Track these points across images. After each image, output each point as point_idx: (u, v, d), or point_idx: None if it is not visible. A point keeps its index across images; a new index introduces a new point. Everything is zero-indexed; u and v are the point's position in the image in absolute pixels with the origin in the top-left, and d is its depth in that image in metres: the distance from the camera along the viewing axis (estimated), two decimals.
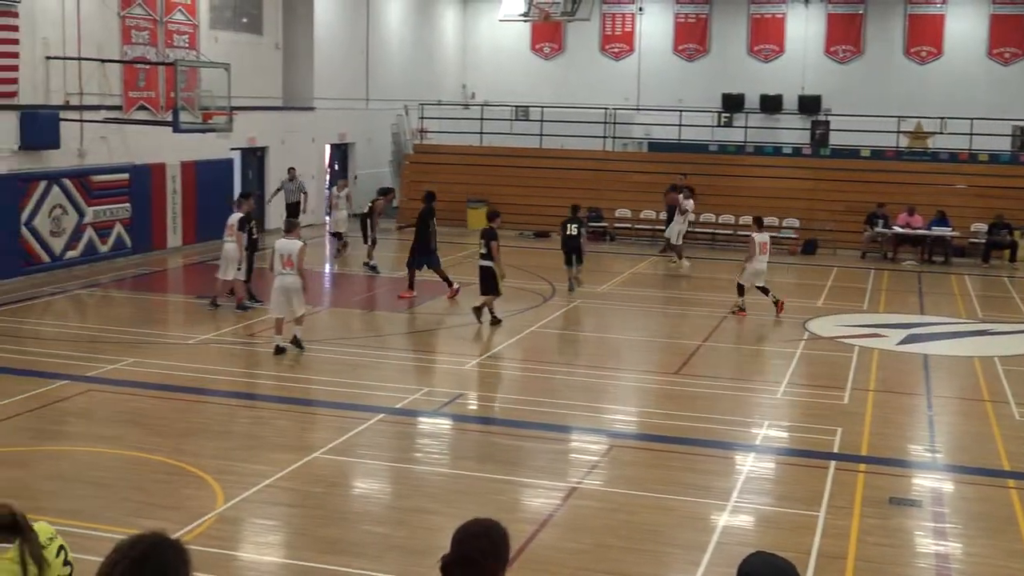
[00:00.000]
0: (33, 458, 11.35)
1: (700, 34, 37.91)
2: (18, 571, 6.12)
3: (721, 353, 17.21)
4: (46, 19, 21.38)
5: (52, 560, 6.15)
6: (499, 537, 3.76)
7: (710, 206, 29.50)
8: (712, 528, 9.86)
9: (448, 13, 39.70)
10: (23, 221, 21.06)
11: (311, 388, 14.42)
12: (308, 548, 9.18)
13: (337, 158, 33.27)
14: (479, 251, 18.53)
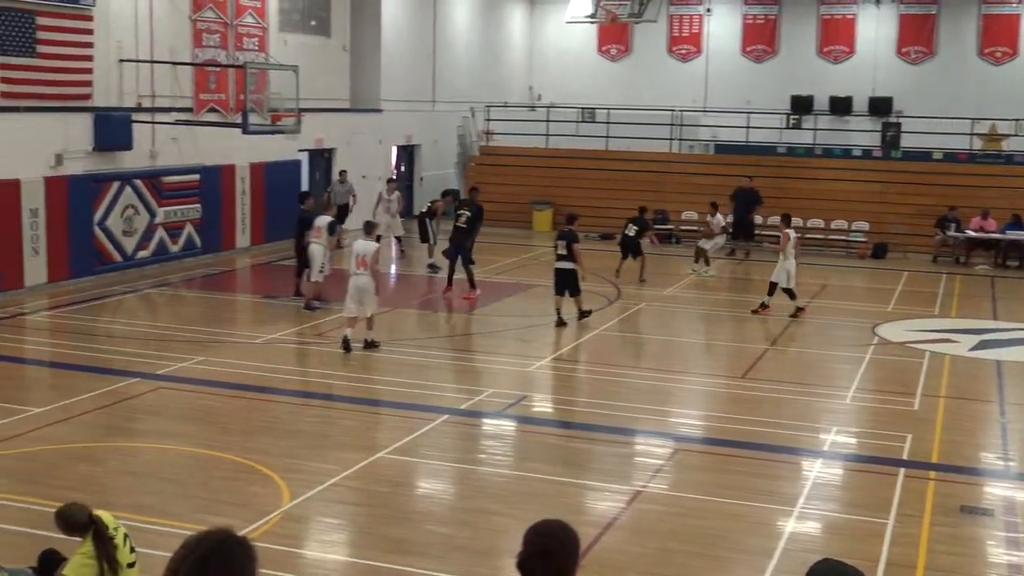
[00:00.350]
0: (105, 454, 11.54)
1: (769, 35, 37.55)
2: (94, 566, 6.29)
3: (788, 357, 17.03)
4: (119, 23, 21.75)
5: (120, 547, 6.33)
6: (573, 535, 3.86)
7: (778, 209, 29.11)
8: (778, 534, 9.75)
9: (515, 15, 39.75)
10: (96, 221, 21.43)
11: (377, 388, 14.50)
12: (372, 547, 9.23)
13: (403, 160, 33.44)
14: (557, 253, 18.54)
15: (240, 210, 25.47)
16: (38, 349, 16.77)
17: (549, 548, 3.77)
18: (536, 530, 3.84)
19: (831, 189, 29.95)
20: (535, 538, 3.80)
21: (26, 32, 19.47)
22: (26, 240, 19.79)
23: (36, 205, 19.92)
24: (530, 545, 3.78)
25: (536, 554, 3.76)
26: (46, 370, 15.47)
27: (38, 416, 12.60)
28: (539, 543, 3.78)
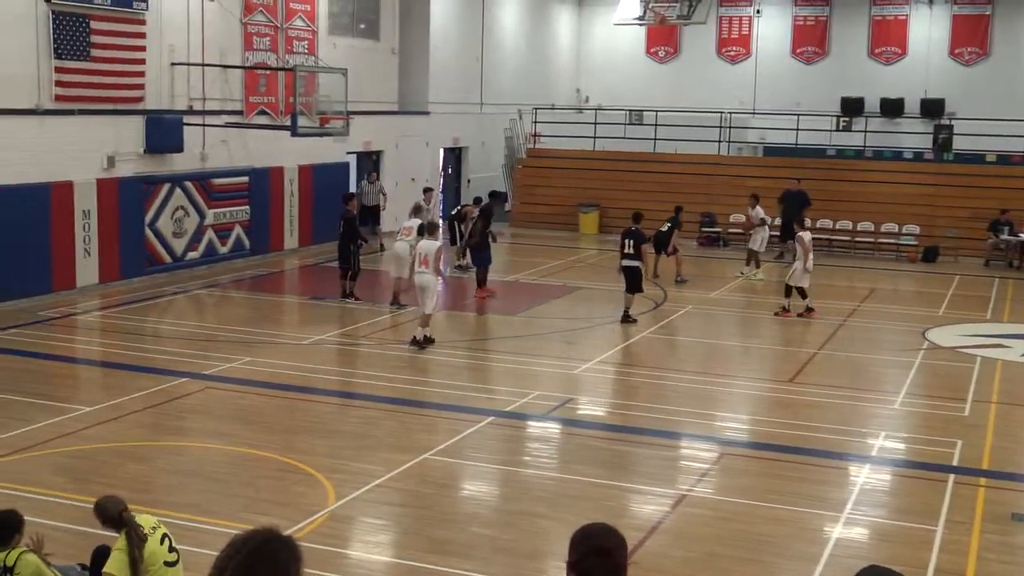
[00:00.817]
0: (153, 452, 11.67)
1: (819, 36, 37.26)
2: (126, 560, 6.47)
3: (837, 361, 16.86)
4: (172, 26, 22.00)
5: (156, 548, 6.49)
6: (621, 535, 3.82)
7: (828, 212, 28.98)
8: (825, 540, 9.66)
9: (563, 17, 39.73)
10: (147, 223, 21.69)
11: (422, 390, 14.54)
12: (417, 548, 9.26)
13: (451, 162, 33.54)
14: (624, 251, 18.89)
15: (288, 212, 25.65)
16: (89, 349, 17.00)
17: (607, 545, 3.75)
18: (586, 532, 3.82)
19: (881, 192, 29.65)
20: (587, 539, 3.77)
21: (80, 36, 19.74)
22: (78, 241, 20.07)
23: (88, 207, 20.20)
24: (584, 546, 3.76)
25: (593, 552, 3.74)
26: (97, 369, 15.68)
27: (89, 415, 12.77)
28: (595, 542, 3.76)
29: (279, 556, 3.35)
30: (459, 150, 33.65)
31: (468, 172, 33.92)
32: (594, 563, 3.72)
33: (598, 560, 3.72)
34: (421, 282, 16.59)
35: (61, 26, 19.35)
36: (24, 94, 18.95)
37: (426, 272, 16.51)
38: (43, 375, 14.82)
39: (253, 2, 24.02)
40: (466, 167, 33.93)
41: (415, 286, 16.82)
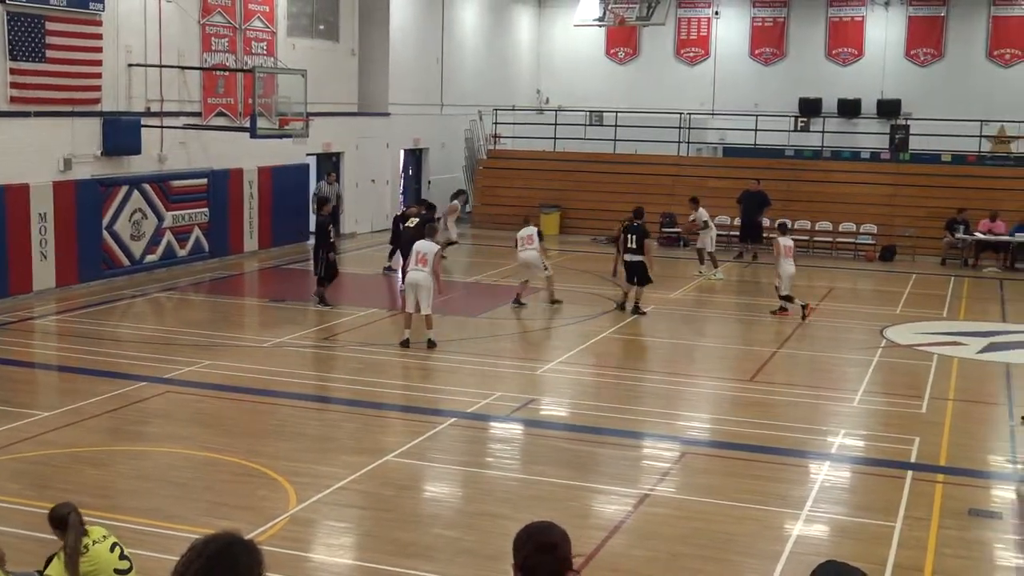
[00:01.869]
0: (113, 457, 11.56)
1: (777, 38, 37.53)
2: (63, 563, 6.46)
3: (796, 360, 17.00)
4: (128, 27, 21.81)
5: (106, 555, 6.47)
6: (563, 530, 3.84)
7: (786, 212, 29.18)
8: (786, 537, 9.74)
9: (523, 18, 39.77)
10: (104, 225, 21.49)
11: (383, 391, 14.50)
12: (379, 551, 9.23)
13: (411, 163, 33.48)
14: (627, 247, 19.62)
15: (248, 214, 25.52)
16: (46, 353, 16.81)
17: (550, 540, 3.77)
18: (528, 531, 3.83)
19: (839, 192, 29.93)
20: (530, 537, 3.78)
21: (36, 37, 19.53)
22: (34, 244, 19.85)
23: (45, 209, 19.99)
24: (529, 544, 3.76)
25: (537, 548, 3.74)
26: (54, 374, 15.52)
27: (47, 420, 12.63)
28: (538, 539, 3.77)
29: (240, 560, 3.34)
30: (419, 151, 33.60)
31: (429, 173, 33.87)
32: (539, 560, 3.73)
33: (543, 556, 3.73)
34: (415, 280, 16.53)
35: (16, 27, 19.14)
36: None
37: (422, 271, 16.50)
38: (0, 380, 14.63)
39: (211, 3, 23.86)
40: (427, 168, 33.88)
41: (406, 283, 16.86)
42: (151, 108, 22.48)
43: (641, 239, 19.66)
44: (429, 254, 16.60)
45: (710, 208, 29.97)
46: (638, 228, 19.82)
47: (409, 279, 16.73)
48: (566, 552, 3.77)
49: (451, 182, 33.90)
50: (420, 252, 16.69)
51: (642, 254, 19.61)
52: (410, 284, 16.67)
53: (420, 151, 33.60)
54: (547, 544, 3.74)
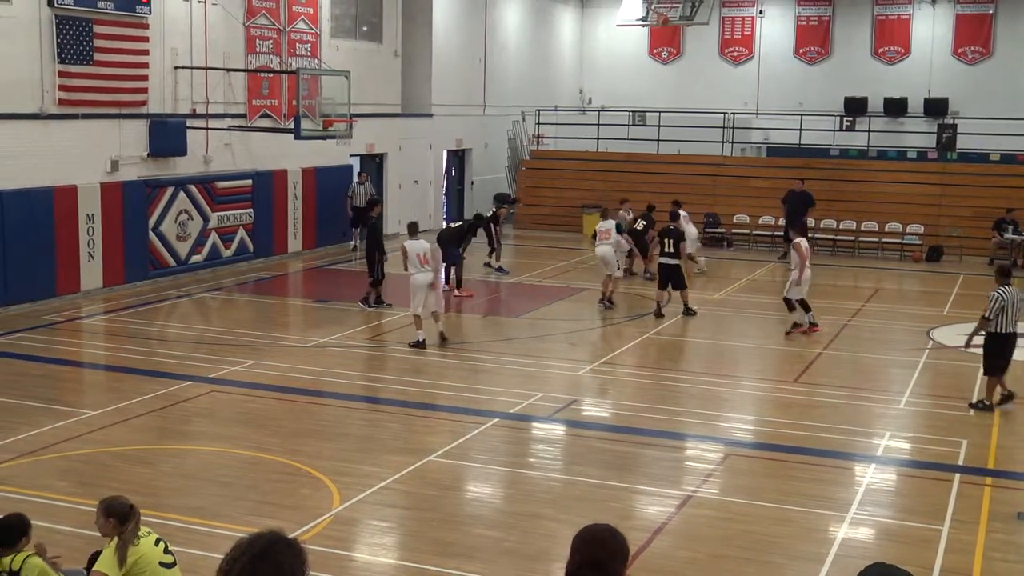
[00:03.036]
0: (158, 456, 11.68)
1: (822, 36, 37.22)
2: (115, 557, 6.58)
3: (841, 361, 16.85)
4: (175, 30, 22.02)
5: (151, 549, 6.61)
6: (622, 541, 3.79)
7: (832, 212, 28.98)
8: (830, 540, 9.66)
9: (565, 18, 39.73)
10: (151, 226, 21.70)
11: (427, 392, 14.53)
12: (422, 550, 9.26)
13: (454, 164, 33.55)
14: (663, 250, 19.43)
15: (292, 215, 25.67)
16: (93, 353, 17.02)
17: (600, 559, 3.72)
18: (585, 537, 3.79)
19: (885, 192, 29.64)
20: (585, 547, 3.75)
21: (84, 40, 19.76)
22: (82, 245, 20.09)
23: (92, 211, 20.22)
24: (580, 554, 3.74)
25: (587, 564, 3.71)
26: (102, 373, 15.69)
27: (94, 419, 12.78)
28: (589, 553, 3.73)
29: (284, 559, 3.36)
30: (462, 152, 33.65)
31: (471, 174, 33.93)
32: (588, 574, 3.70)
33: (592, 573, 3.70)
34: (423, 281, 16.70)
35: (64, 30, 19.37)
36: (28, 98, 18.99)
37: (428, 271, 16.77)
38: (48, 379, 14.83)
39: (256, 5, 24.04)
40: (469, 169, 33.93)
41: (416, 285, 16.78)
42: (197, 110, 22.69)
43: (677, 242, 19.50)
44: (428, 252, 16.91)
45: (754, 209, 29.92)
46: (673, 231, 19.65)
47: (418, 280, 16.73)
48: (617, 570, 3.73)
49: (494, 183, 33.96)
50: (421, 252, 16.81)
51: (678, 257, 19.48)
52: (419, 285, 16.70)
53: (463, 152, 33.65)
54: (598, 562, 3.70)
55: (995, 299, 13.71)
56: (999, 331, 13.80)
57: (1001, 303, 13.68)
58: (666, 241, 19.51)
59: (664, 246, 19.52)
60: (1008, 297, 13.70)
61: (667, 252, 19.43)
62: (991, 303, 13.74)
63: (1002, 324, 13.78)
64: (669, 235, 19.55)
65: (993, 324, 13.78)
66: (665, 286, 19.47)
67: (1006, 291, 13.76)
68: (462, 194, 33.69)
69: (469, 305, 20.84)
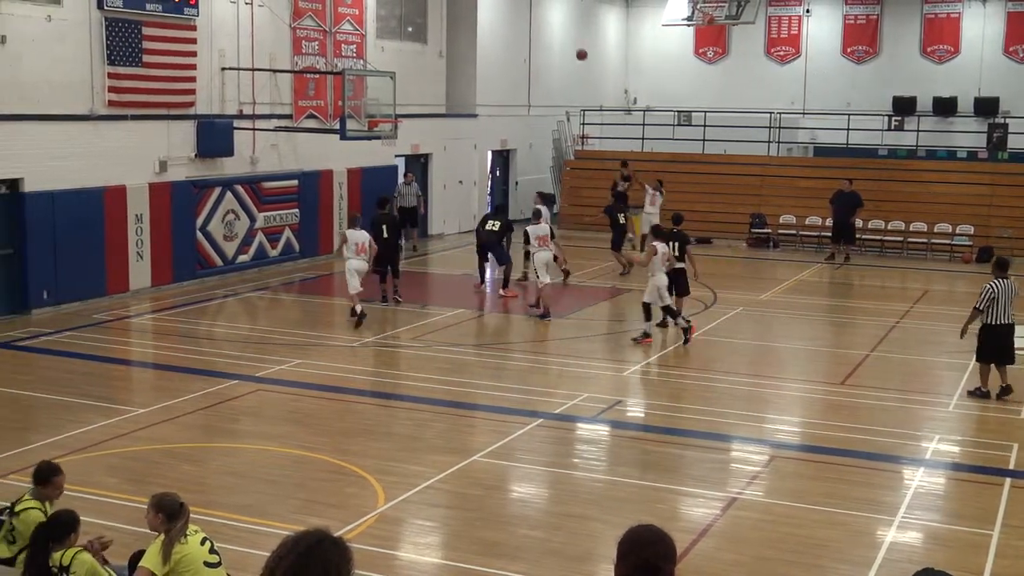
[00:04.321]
0: (206, 454, 11.78)
1: (870, 35, 36.87)
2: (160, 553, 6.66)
3: (890, 364, 16.68)
4: (222, 31, 22.20)
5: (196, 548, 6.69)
6: (671, 542, 3.75)
7: (880, 213, 28.69)
8: (878, 544, 9.56)
9: (610, 18, 39.64)
10: (198, 226, 21.91)
11: (471, 392, 14.56)
12: (466, 550, 9.27)
13: (498, 164, 33.58)
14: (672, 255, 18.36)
15: (338, 215, 25.79)
16: (142, 351, 17.21)
17: (654, 562, 3.68)
18: (635, 540, 3.73)
19: (934, 192, 29.30)
20: (637, 550, 3.70)
21: (133, 42, 19.98)
22: (131, 245, 20.32)
23: (141, 211, 20.44)
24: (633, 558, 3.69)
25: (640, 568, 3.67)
26: (150, 371, 15.86)
27: (143, 416, 12.92)
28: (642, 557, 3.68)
29: (330, 557, 3.38)
30: (507, 152, 33.68)
31: (516, 174, 33.95)
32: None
33: None
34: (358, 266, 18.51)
35: (114, 32, 19.59)
36: (78, 100, 19.22)
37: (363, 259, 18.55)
38: (98, 377, 15.01)
39: (302, 6, 24.19)
40: (514, 169, 33.96)
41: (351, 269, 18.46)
42: (243, 111, 22.87)
43: (683, 246, 18.60)
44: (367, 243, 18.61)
45: (801, 209, 29.69)
46: (680, 235, 18.78)
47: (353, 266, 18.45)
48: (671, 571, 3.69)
49: (538, 183, 33.93)
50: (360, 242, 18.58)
51: (683, 262, 18.56)
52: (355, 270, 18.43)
53: (507, 152, 33.69)
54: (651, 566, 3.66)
55: (986, 291, 14.37)
56: (991, 322, 14.38)
57: (992, 295, 14.31)
58: (672, 245, 18.42)
59: (672, 249, 18.35)
60: (1000, 289, 14.29)
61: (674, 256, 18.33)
62: (982, 294, 14.40)
63: (994, 315, 14.36)
64: (675, 238, 18.61)
65: (985, 315, 14.39)
66: (670, 291, 18.28)
67: (998, 284, 14.35)
68: (507, 194, 33.70)
69: (514, 305, 20.83)
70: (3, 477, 10.65)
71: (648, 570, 3.65)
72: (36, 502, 7.52)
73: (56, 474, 7.75)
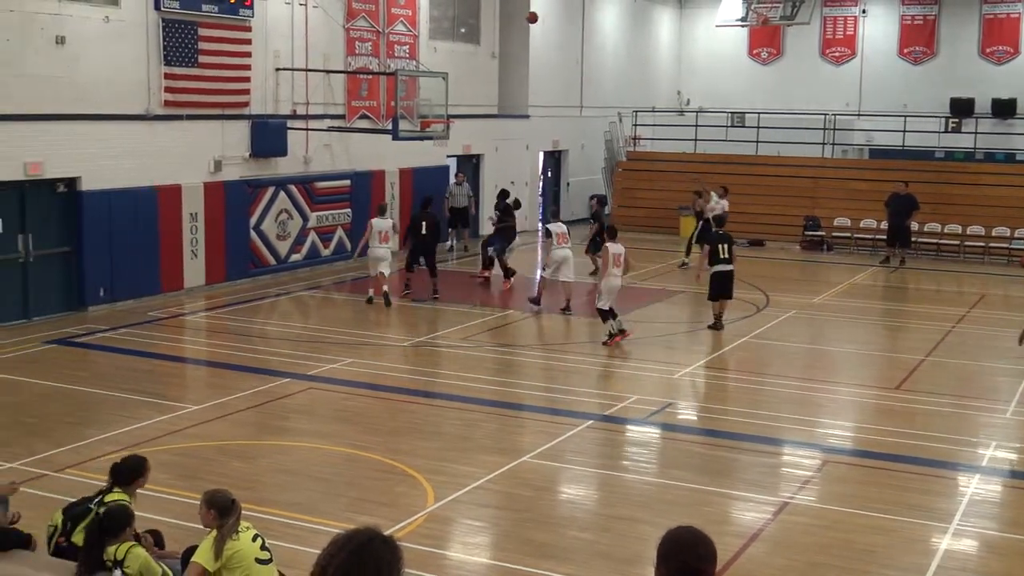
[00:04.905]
0: (257, 451, 11.87)
1: (927, 36, 36.41)
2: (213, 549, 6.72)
3: (946, 369, 16.45)
4: (277, 32, 22.38)
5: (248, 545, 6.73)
6: (711, 544, 3.72)
7: (936, 215, 28.31)
8: (932, 552, 9.42)
9: (663, 19, 39.49)
10: (252, 225, 22.10)
11: (522, 392, 14.55)
12: (515, 551, 9.26)
13: (550, 165, 33.55)
14: (720, 256, 18.31)
15: (390, 215, 25.81)
16: (196, 348, 17.39)
17: (697, 565, 3.66)
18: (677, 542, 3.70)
19: (992, 195, 28.86)
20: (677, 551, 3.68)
21: (189, 43, 20.20)
22: (186, 243, 20.53)
23: (196, 209, 20.66)
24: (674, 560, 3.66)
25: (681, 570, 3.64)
26: (203, 369, 16.01)
27: (195, 413, 13.05)
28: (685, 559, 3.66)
29: (380, 555, 3.38)
30: (558, 153, 33.65)
31: (567, 175, 33.90)
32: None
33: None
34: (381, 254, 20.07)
35: (170, 33, 19.82)
36: (135, 100, 19.46)
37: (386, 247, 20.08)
38: (152, 374, 15.19)
39: (356, 8, 24.33)
40: (566, 170, 33.92)
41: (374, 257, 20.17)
42: (297, 111, 23.03)
43: (732, 246, 18.50)
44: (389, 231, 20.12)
45: (855, 212, 29.37)
46: (727, 236, 18.64)
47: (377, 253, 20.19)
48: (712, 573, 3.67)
49: (590, 184, 33.88)
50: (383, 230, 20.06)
51: (733, 264, 18.35)
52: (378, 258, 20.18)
53: (559, 153, 33.65)
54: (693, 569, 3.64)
55: None
56: None
57: None
58: (722, 247, 18.35)
59: (720, 252, 18.33)
60: None
61: (723, 258, 18.26)
62: None
63: None
64: (726, 240, 18.49)
65: None
66: (720, 295, 18.39)
67: None
68: (558, 195, 33.68)
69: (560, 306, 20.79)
70: (60, 471, 10.80)
71: (689, 572, 3.62)
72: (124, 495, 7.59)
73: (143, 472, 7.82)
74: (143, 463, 7.81)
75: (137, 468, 7.74)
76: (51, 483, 10.40)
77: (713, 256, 18.44)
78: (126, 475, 7.68)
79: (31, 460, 11.19)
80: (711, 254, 18.50)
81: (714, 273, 18.38)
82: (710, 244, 18.66)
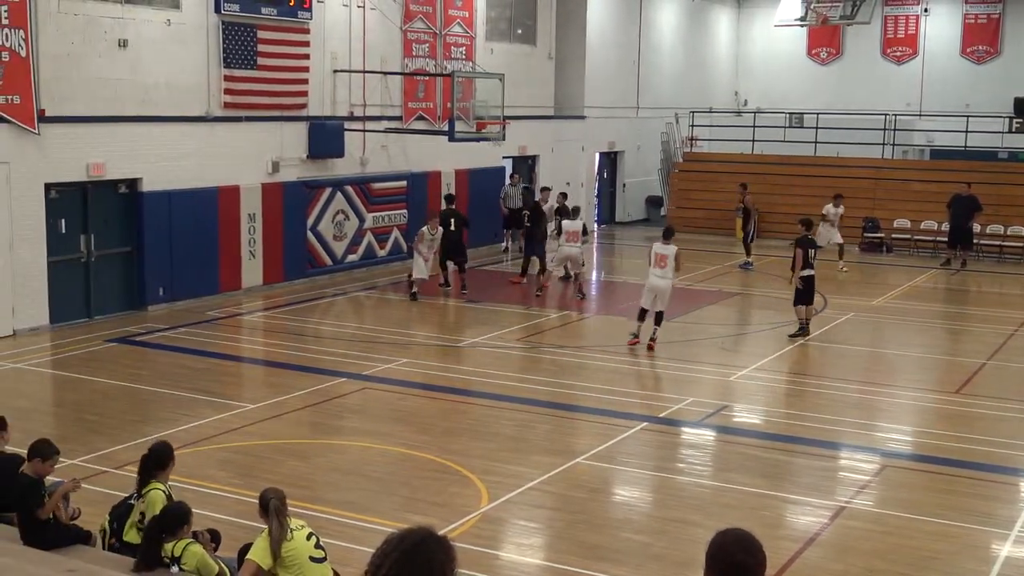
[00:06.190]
0: (312, 450, 11.96)
1: (991, 35, 35.85)
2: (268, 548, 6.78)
3: (1009, 372, 16.17)
4: (334, 34, 22.54)
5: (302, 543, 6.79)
6: (760, 546, 3.69)
7: (999, 217, 27.85)
8: (993, 558, 9.27)
9: (721, 19, 39.24)
10: (309, 226, 22.27)
11: (576, 393, 14.52)
12: (568, 552, 9.24)
13: (606, 166, 33.47)
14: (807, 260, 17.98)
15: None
16: (253, 348, 17.55)
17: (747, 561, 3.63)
18: (723, 544, 3.69)
19: None
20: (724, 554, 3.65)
21: (248, 45, 20.40)
22: (244, 244, 20.74)
23: (254, 210, 20.86)
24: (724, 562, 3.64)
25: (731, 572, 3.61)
26: (260, 368, 16.15)
27: (252, 412, 13.17)
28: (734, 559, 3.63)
29: (434, 555, 3.38)
30: (615, 154, 33.55)
31: (623, 176, 33.80)
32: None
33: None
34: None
35: (230, 36, 20.03)
36: (195, 101, 19.69)
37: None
38: (210, 373, 15.36)
39: (413, 9, 24.44)
40: (621, 171, 33.82)
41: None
42: (354, 113, 23.18)
43: (815, 251, 18.33)
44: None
45: (916, 213, 28.97)
46: (814, 241, 18.53)
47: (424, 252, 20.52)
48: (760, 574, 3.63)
49: (646, 185, 33.76)
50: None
51: (813, 268, 18.08)
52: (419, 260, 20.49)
53: (615, 154, 33.55)
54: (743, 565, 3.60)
55: None
56: None
57: None
58: (810, 252, 18.12)
59: (808, 256, 18.07)
60: None
61: (810, 263, 18.03)
62: None
63: None
64: (809, 245, 18.23)
65: None
66: (805, 300, 18.10)
67: None
68: (613, 196, 33.58)
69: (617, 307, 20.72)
70: (120, 468, 10.95)
71: (741, 570, 3.59)
72: (159, 484, 7.70)
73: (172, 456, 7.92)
74: (169, 448, 7.92)
75: (166, 454, 7.85)
76: (111, 480, 10.55)
77: (803, 261, 18.11)
78: (157, 463, 7.78)
79: (91, 457, 11.36)
80: (803, 259, 18.12)
81: (802, 278, 18.11)
82: (802, 249, 18.31)
